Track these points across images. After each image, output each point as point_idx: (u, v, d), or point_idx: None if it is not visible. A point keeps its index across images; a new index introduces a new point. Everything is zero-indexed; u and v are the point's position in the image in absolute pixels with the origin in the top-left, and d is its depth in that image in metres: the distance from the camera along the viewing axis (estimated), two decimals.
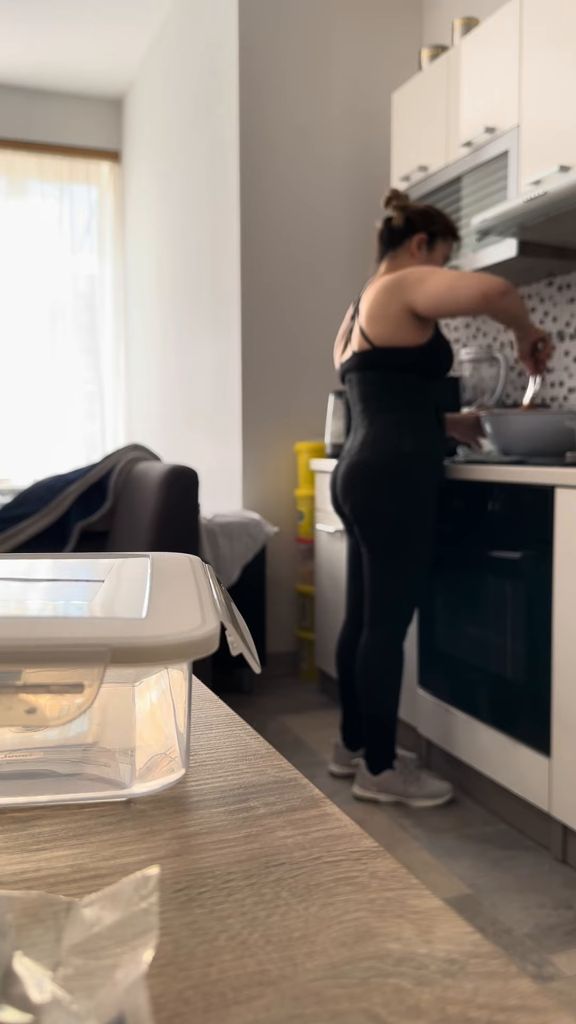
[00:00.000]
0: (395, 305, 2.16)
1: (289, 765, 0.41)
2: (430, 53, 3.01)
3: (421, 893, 0.30)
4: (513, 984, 0.25)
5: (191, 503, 2.66)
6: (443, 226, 2.29)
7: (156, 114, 4.53)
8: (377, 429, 2.22)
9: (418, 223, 2.28)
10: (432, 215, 2.29)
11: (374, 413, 2.23)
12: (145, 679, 0.37)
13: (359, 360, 2.24)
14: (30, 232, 5.12)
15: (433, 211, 2.29)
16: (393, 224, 2.30)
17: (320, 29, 3.45)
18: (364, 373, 2.24)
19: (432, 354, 2.19)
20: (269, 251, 3.44)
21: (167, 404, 4.56)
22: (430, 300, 2.11)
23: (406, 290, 2.15)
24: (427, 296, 2.11)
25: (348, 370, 2.30)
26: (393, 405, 2.21)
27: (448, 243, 2.31)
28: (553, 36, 2.29)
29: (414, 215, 2.28)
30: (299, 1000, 0.24)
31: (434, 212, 2.29)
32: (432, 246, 2.30)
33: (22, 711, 0.32)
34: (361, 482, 2.21)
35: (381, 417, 2.22)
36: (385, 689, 2.23)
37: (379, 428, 2.21)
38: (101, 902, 0.25)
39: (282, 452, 3.49)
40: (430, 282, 2.12)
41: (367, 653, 2.24)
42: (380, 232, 2.33)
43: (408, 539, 2.19)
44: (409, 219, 2.28)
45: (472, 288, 2.07)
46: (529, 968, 1.57)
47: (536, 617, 1.98)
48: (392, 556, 2.21)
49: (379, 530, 2.20)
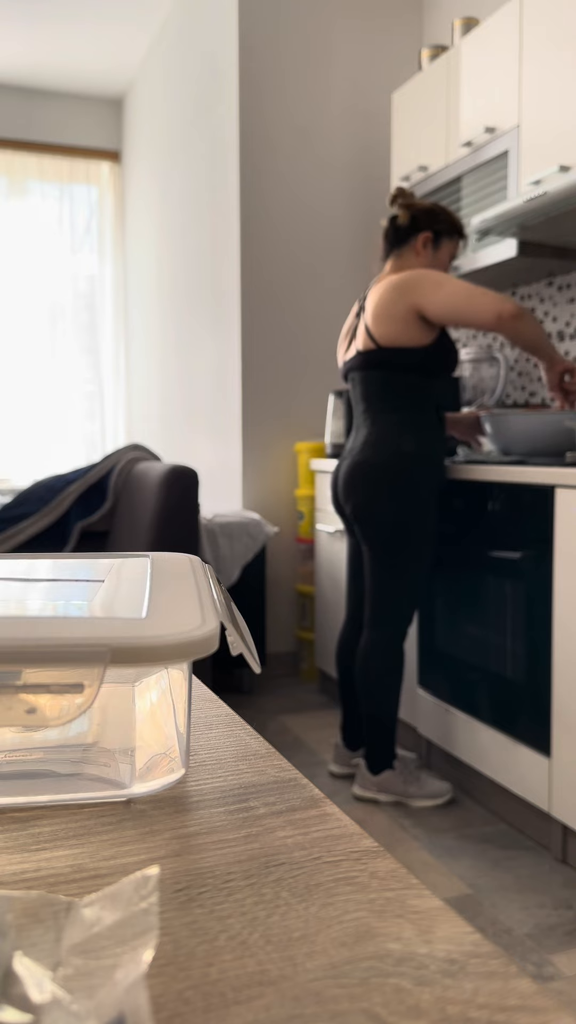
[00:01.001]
0: (403, 305, 2.16)
1: (289, 765, 0.41)
2: (430, 53, 3.01)
3: (421, 893, 0.30)
4: (513, 984, 0.25)
5: (191, 503, 2.66)
6: (449, 224, 2.28)
7: (156, 114, 4.53)
8: (379, 429, 2.22)
9: (423, 221, 2.27)
10: (437, 213, 2.28)
11: (376, 413, 2.23)
12: (145, 679, 0.37)
13: (363, 359, 2.24)
14: (30, 232, 5.12)
15: (439, 209, 2.29)
16: (399, 222, 2.29)
17: (320, 29, 3.45)
18: (367, 372, 2.24)
19: (437, 355, 2.19)
20: (269, 251, 3.44)
21: (167, 404, 4.56)
22: (444, 308, 2.11)
23: (417, 292, 2.14)
24: (442, 304, 2.12)
25: (351, 369, 2.29)
26: (395, 405, 2.21)
27: (454, 241, 2.30)
28: (553, 36, 2.29)
29: (420, 213, 2.27)
30: (299, 1000, 0.24)
31: (440, 210, 2.29)
32: (438, 244, 2.29)
33: (22, 711, 0.32)
34: (363, 482, 2.21)
35: (383, 417, 2.22)
36: (385, 689, 2.23)
37: (380, 428, 2.21)
38: (101, 902, 0.25)
39: (282, 452, 3.49)
40: (447, 290, 2.11)
41: (367, 653, 2.24)
42: (385, 230, 2.32)
43: (408, 539, 2.19)
44: (415, 217, 2.27)
45: (488, 306, 2.08)
46: (529, 968, 1.57)
47: (536, 617, 1.98)
48: (393, 556, 2.21)
49: (380, 530, 2.20)
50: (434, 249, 2.28)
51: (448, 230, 2.28)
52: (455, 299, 2.10)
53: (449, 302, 2.11)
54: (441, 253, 2.29)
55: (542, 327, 2.16)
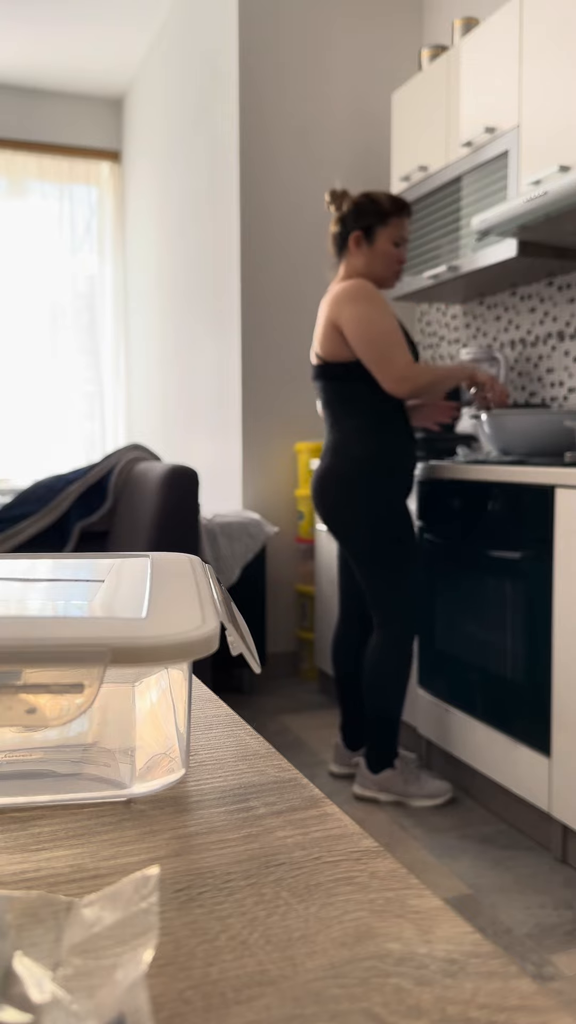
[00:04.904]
0: (328, 321, 2.18)
1: (289, 765, 0.41)
2: (430, 53, 3.01)
3: (421, 893, 0.30)
4: (513, 984, 0.25)
5: (191, 503, 2.66)
6: (377, 213, 2.21)
7: (156, 114, 4.53)
8: (336, 437, 2.24)
9: (350, 222, 2.23)
10: (362, 206, 2.21)
11: (335, 420, 2.26)
12: (145, 679, 0.37)
13: (315, 371, 2.27)
14: (30, 232, 5.12)
15: (363, 200, 2.22)
16: (331, 231, 2.29)
17: (320, 29, 3.45)
18: (321, 383, 2.26)
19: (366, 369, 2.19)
20: (269, 251, 3.44)
21: (167, 404, 4.56)
22: (355, 345, 2.13)
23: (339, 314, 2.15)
24: (352, 340, 2.13)
25: (312, 379, 2.32)
26: (349, 412, 2.21)
27: (391, 226, 2.21)
28: (553, 36, 2.29)
29: (347, 216, 2.24)
30: (299, 1000, 0.24)
31: (364, 201, 2.21)
32: (372, 238, 2.22)
33: (22, 711, 0.32)
34: (326, 491, 2.23)
35: (340, 425, 2.24)
36: (392, 689, 2.23)
37: (338, 435, 2.24)
38: (101, 902, 0.25)
39: (282, 452, 3.49)
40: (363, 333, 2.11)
41: (377, 652, 2.24)
42: (332, 237, 2.30)
43: (378, 544, 2.19)
44: (342, 220, 2.25)
45: (391, 372, 2.11)
46: (529, 968, 1.57)
47: (536, 617, 1.98)
48: (369, 561, 2.22)
49: (348, 537, 2.23)
50: (369, 244, 2.23)
51: (379, 219, 2.21)
52: (367, 347, 2.12)
53: (360, 346, 2.12)
54: (379, 244, 2.22)
55: (435, 370, 2.14)
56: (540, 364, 2.86)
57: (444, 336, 3.43)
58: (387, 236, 2.22)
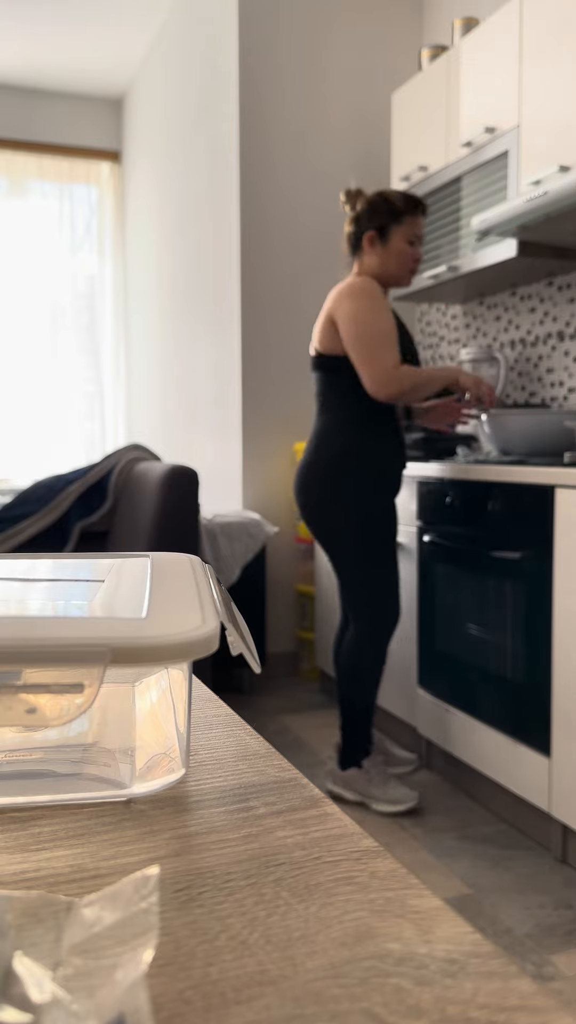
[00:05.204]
0: (326, 313, 2.21)
1: (289, 765, 0.41)
2: (430, 53, 3.01)
3: (421, 893, 0.30)
4: (513, 984, 0.25)
5: (191, 503, 2.66)
6: (390, 212, 2.21)
7: (156, 114, 4.53)
8: (319, 428, 2.26)
9: (364, 222, 2.24)
10: (376, 206, 2.22)
11: (320, 412, 2.27)
12: (145, 679, 0.37)
13: (312, 361, 2.29)
14: (30, 232, 5.12)
15: (377, 200, 2.23)
16: (346, 231, 2.30)
17: (320, 29, 3.45)
18: (315, 374, 2.29)
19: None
20: (269, 251, 3.44)
21: (167, 404, 4.56)
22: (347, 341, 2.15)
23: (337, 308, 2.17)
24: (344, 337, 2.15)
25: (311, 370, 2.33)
26: (334, 405, 2.23)
27: (405, 224, 2.22)
28: (553, 36, 2.29)
29: (361, 215, 2.25)
30: (299, 1000, 0.24)
31: (378, 201, 2.22)
32: (386, 237, 2.23)
33: (22, 711, 0.32)
34: (305, 485, 2.24)
35: (323, 417, 2.25)
36: (362, 685, 2.23)
37: (320, 427, 2.25)
38: (101, 902, 0.25)
39: (282, 452, 3.49)
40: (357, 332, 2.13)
41: (350, 646, 2.25)
42: (346, 236, 2.32)
43: (353, 540, 2.19)
44: (357, 219, 2.26)
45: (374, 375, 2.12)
46: (529, 968, 1.57)
47: (536, 617, 1.98)
48: (343, 558, 2.22)
49: (321, 532, 2.23)
50: (383, 243, 2.23)
51: (393, 218, 2.21)
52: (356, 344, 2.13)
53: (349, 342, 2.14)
54: (393, 243, 2.22)
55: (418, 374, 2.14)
56: (540, 364, 2.86)
57: (444, 336, 3.43)
58: (401, 235, 2.23)
